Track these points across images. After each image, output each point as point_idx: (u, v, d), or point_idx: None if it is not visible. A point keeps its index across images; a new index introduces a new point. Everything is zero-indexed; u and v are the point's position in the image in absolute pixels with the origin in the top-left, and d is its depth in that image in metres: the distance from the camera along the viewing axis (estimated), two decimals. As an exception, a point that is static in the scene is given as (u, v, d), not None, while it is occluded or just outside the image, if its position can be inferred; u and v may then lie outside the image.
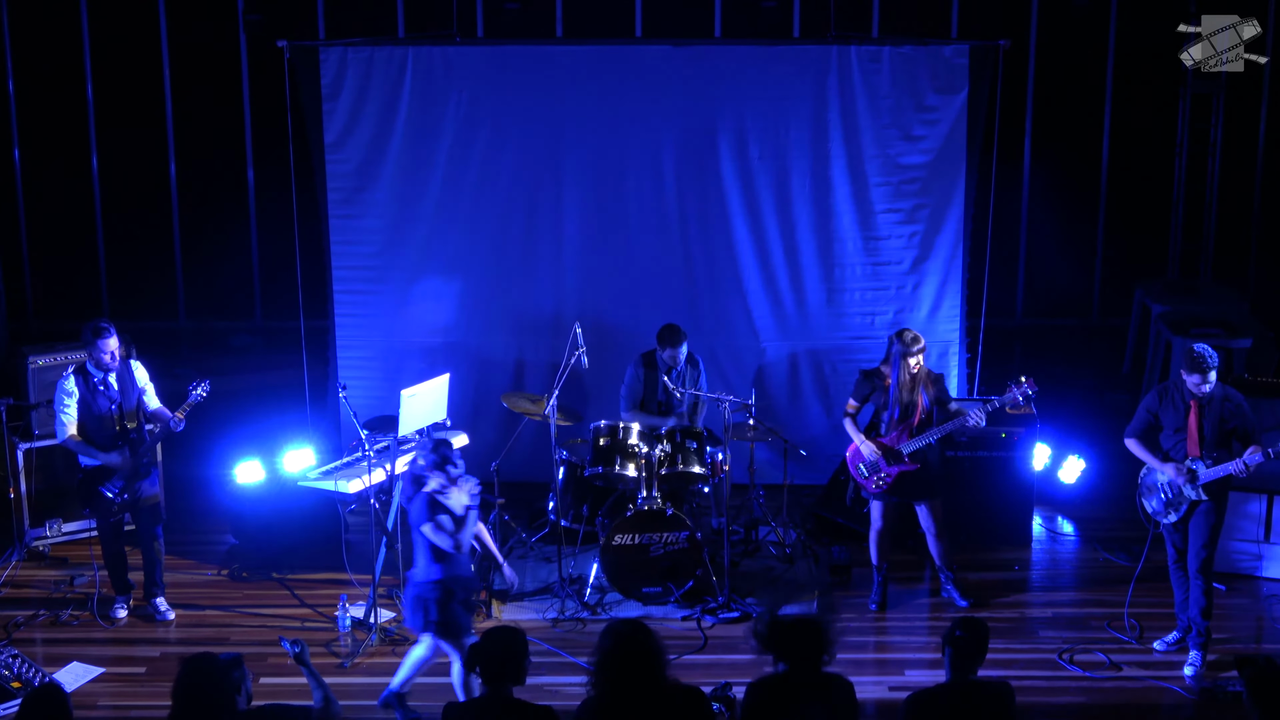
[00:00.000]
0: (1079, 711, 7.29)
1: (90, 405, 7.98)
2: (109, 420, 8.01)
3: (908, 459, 7.98)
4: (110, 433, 8.01)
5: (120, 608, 8.30)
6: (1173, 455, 7.53)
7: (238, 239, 12.41)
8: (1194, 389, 7.41)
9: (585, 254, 9.78)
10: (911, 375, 7.95)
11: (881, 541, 8.27)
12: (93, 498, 8.06)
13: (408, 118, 9.52)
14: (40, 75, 12.12)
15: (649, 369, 8.90)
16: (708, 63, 9.59)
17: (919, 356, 7.93)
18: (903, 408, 7.99)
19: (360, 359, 9.85)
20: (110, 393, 8.01)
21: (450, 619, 6.85)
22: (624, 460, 8.43)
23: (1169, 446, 7.57)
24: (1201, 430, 7.43)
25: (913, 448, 7.96)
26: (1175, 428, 7.51)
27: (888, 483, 8.06)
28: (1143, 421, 7.66)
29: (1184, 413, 7.48)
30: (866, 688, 5.67)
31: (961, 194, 9.58)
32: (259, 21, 11.66)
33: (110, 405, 8.00)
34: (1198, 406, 7.44)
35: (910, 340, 7.94)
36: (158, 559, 8.26)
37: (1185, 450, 7.47)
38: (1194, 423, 7.44)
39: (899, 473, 8.02)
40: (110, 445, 8.01)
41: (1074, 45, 12.08)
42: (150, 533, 8.25)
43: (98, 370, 7.98)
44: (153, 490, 8.24)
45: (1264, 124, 12.10)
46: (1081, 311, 12.74)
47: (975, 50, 9.43)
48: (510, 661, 5.38)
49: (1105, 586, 8.57)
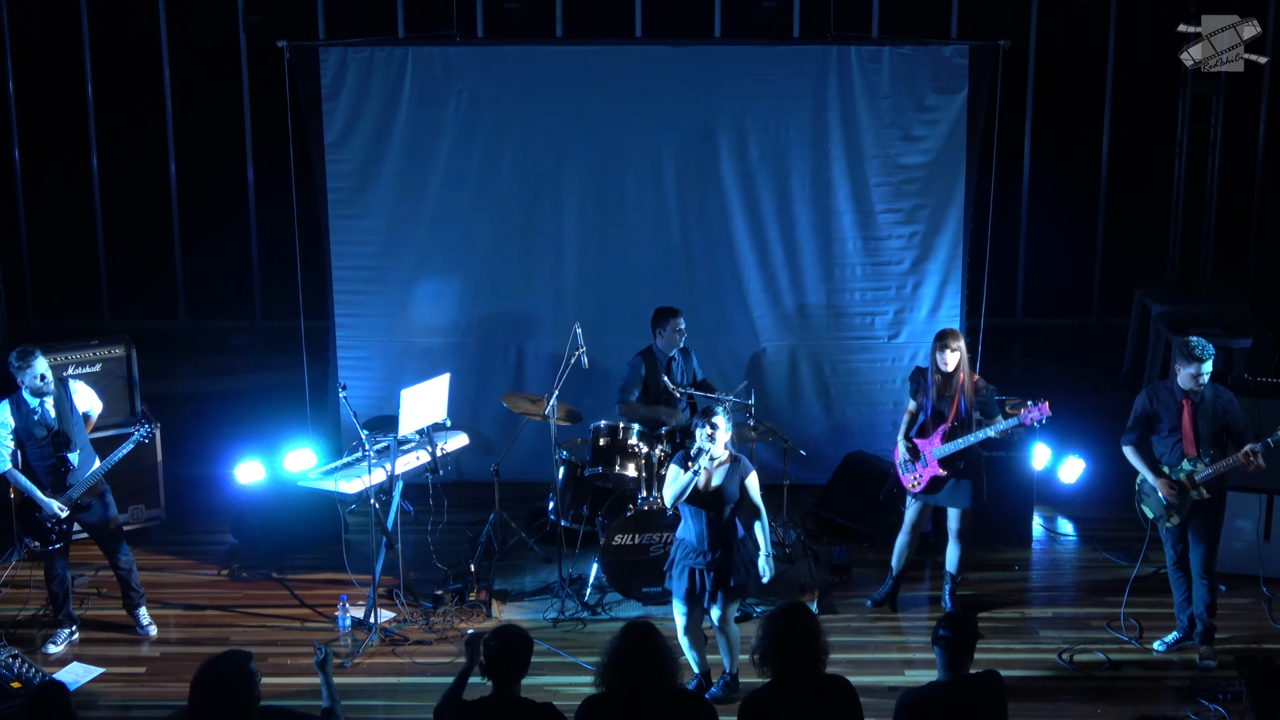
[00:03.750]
0: (1079, 711, 7.29)
1: (27, 434, 7.63)
2: (46, 448, 7.66)
3: (938, 464, 7.93)
4: (49, 461, 7.67)
5: (53, 643, 7.89)
6: (1169, 458, 7.50)
7: (238, 239, 12.42)
8: (1189, 382, 7.37)
9: (585, 254, 9.78)
10: (944, 374, 7.87)
11: (906, 542, 8.23)
12: (30, 525, 7.77)
13: (408, 118, 9.52)
14: (40, 75, 12.12)
15: (649, 364, 8.89)
16: (708, 63, 9.59)
17: (953, 355, 7.83)
18: (936, 410, 7.95)
19: (360, 359, 9.84)
20: (46, 419, 7.63)
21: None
22: (624, 460, 8.44)
23: (1165, 450, 7.52)
24: (1196, 429, 7.41)
25: (941, 454, 7.89)
26: (1170, 428, 7.48)
27: (922, 484, 8.04)
28: (1138, 425, 7.58)
29: (1177, 413, 7.45)
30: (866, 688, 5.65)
31: (961, 194, 9.58)
32: (259, 21, 11.67)
33: (45, 432, 7.64)
34: (1191, 406, 7.42)
35: (940, 338, 7.88)
36: (129, 569, 8.02)
37: (1182, 451, 7.45)
38: (1188, 422, 7.41)
39: (931, 476, 7.99)
40: (50, 475, 7.67)
41: (1074, 45, 12.09)
42: (113, 555, 7.98)
43: (33, 396, 7.61)
44: (105, 516, 7.91)
45: (1264, 124, 12.11)
46: (1081, 311, 12.75)
47: (975, 50, 9.42)
48: (520, 661, 5.39)
49: (1105, 586, 8.57)
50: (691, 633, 7.13)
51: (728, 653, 7.22)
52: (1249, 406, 7.93)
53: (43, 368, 7.57)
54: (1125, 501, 9.32)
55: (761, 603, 8.20)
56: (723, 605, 7.07)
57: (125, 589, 8.08)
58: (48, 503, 7.65)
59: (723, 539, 6.94)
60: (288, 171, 9.64)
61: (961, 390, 7.88)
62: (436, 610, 8.20)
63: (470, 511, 9.21)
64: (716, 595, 7.01)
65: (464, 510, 9.15)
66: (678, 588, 7.06)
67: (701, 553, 6.95)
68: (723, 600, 7.04)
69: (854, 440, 9.75)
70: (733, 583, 7.01)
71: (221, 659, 5.28)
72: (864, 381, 9.88)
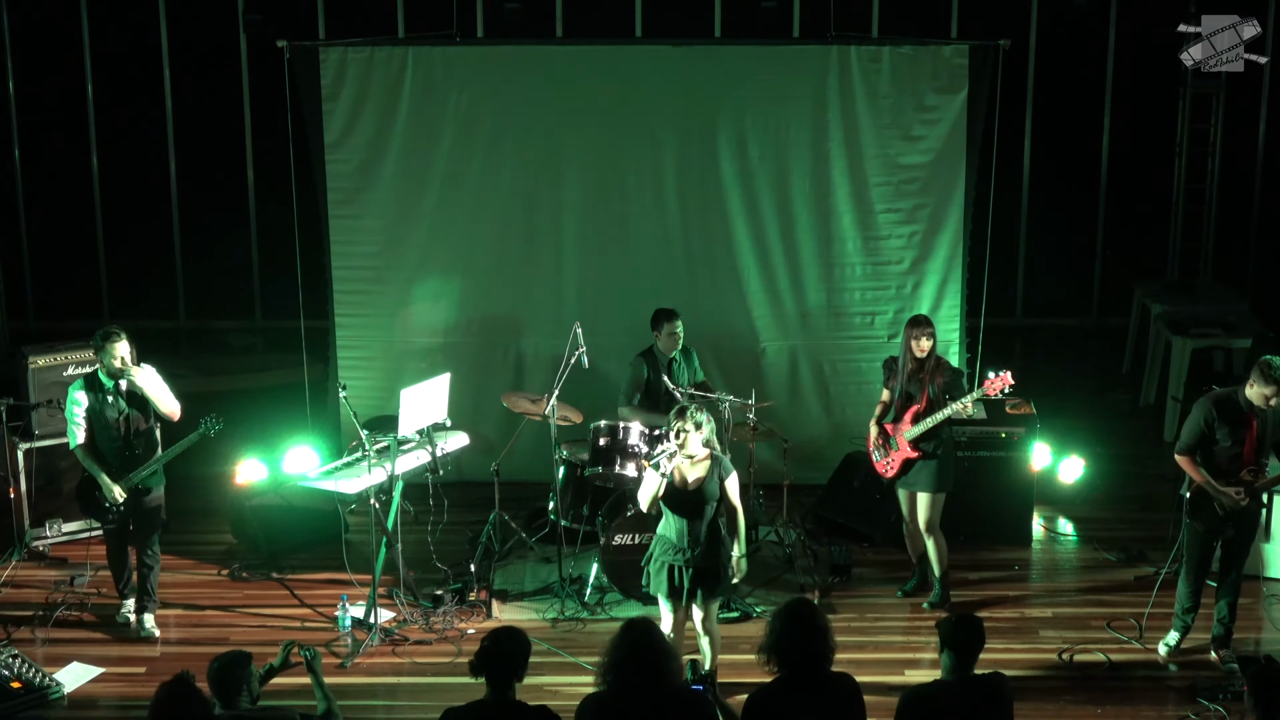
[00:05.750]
0: (1079, 711, 7.29)
1: (98, 415, 7.78)
2: (116, 431, 7.81)
3: (909, 446, 7.97)
4: (117, 445, 7.81)
5: (124, 611, 8.23)
6: (1228, 469, 7.37)
7: (238, 239, 12.43)
8: (1261, 400, 7.23)
9: (585, 254, 9.78)
10: (917, 360, 7.92)
11: (909, 532, 8.29)
12: (90, 504, 7.94)
13: (408, 118, 9.51)
14: (40, 75, 12.12)
15: (650, 364, 8.89)
16: (708, 63, 9.58)
17: (925, 341, 7.88)
18: (905, 393, 8.00)
19: (360, 359, 9.84)
20: (119, 403, 7.78)
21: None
22: (624, 460, 8.44)
23: (1224, 460, 7.38)
24: (1261, 440, 7.33)
25: (911, 435, 7.95)
26: (1235, 440, 7.34)
27: (894, 468, 8.07)
28: (1199, 436, 7.40)
29: (1243, 426, 7.32)
30: (867, 687, 5.65)
31: (961, 194, 9.57)
32: (259, 21, 11.69)
33: (118, 415, 7.80)
34: (1258, 420, 7.32)
35: (914, 324, 7.94)
36: (152, 566, 8.07)
37: (1242, 462, 7.35)
38: (1255, 435, 7.30)
39: (903, 460, 8.02)
40: (116, 458, 7.80)
41: (1074, 45, 12.09)
42: (146, 539, 8.06)
43: (109, 379, 7.78)
44: (152, 504, 8.02)
45: (1264, 124, 12.12)
46: (1081, 311, 12.76)
47: (975, 50, 9.41)
48: (520, 664, 5.40)
49: (1105, 586, 8.57)
50: (675, 632, 7.11)
51: (708, 652, 7.21)
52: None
53: (123, 350, 7.66)
54: (1126, 501, 9.36)
55: (762, 603, 8.20)
56: (704, 604, 7.07)
57: (141, 587, 8.08)
58: (109, 485, 7.76)
59: (702, 538, 6.95)
60: (288, 171, 9.64)
61: (930, 373, 7.92)
62: (436, 610, 8.19)
63: (470, 511, 9.21)
64: (696, 593, 7.00)
65: (464, 510, 9.14)
66: (656, 584, 7.06)
67: (680, 550, 6.96)
68: (703, 599, 7.05)
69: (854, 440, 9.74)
70: (715, 582, 7.01)
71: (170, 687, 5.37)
72: (864, 381, 9.86)
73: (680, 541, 6.95)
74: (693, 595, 6.99)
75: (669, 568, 6.98)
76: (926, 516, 8.09)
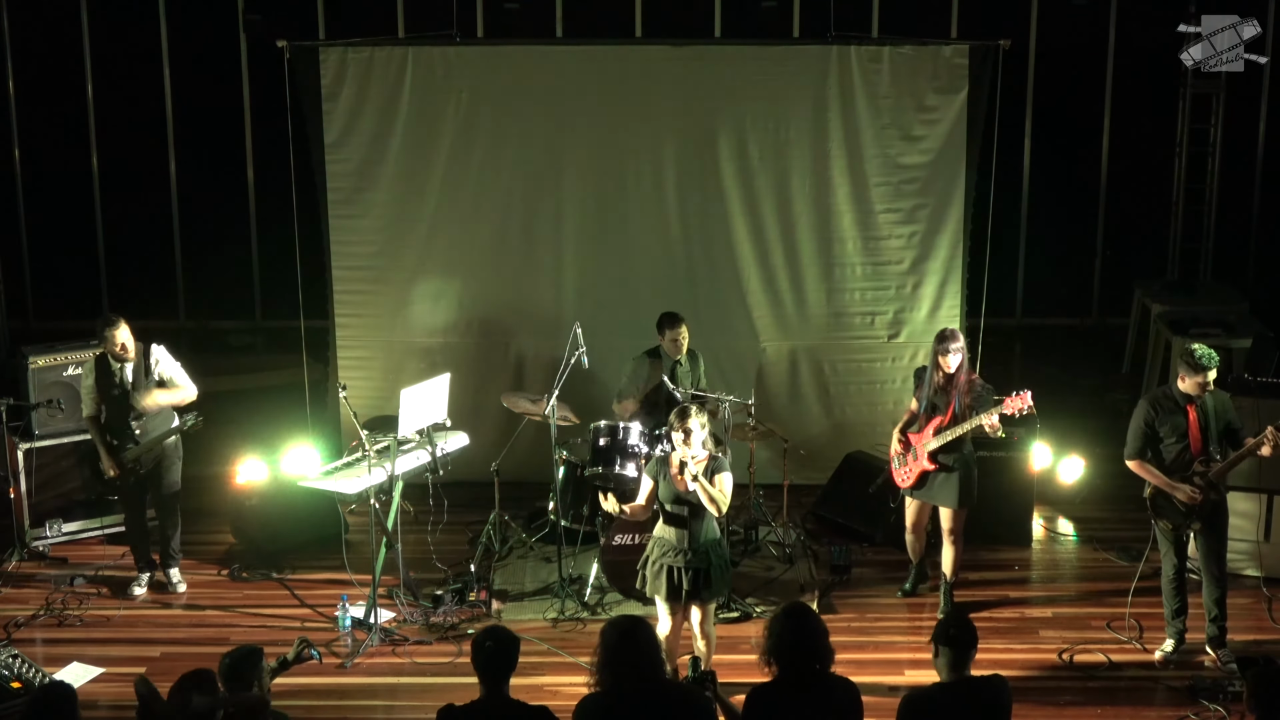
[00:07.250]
0: (1079, 712, 7.29)
1: (105, 392, 8.25)
2: (118, 409, 8.24)
3: (927, 458, 7.96)
4: (123, 421, 8.24)
5: (137, 586, 8.49)
6: (1177, 465, 7.45)
7: (238, 239, 12.42)
8: (1195, 389, 7.35)
9: (585, 253, 9.78)
10: (946, 375, 7.89)
11: (912, 540, 8.30)
12: (95, 474, 8.61)
13: (408, 118, 9.51)
14: (40, 75, 12.12)
15: (652, 364, 8.88)
16: (708, 63, 9.58)
17: (951, 357, 7.84)
18: (931, 405, 7.97)
19: (360, 359, 9.84)
20: (123, 383, 8.22)
21: None
22: (624, 460, 8.43)
23: (1172, 457, 7.46)
24: (1204, 432, 7.39)
25: (930, 446, 7.93)
26: (1179, 435, 7.43)
27: (911, 479, 8.06)
28: (1144, 438, 7.49)
29: (1182, 419, 7.43)
30: (867, 687, 5.66)
31: (961, 194, 9.57)
32: (259, 21, 11.67)
33: (119, 393, 8.22)
34: (1196, 410, 7.41)
35: (940, 339, 7.89)
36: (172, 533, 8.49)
37: (1190, 456, 7.43)
38: (1195, 426, 7.40)
39: (920, 471, 8.01)
40: (117, 435, 8.26)
41: (1074, 45, 12.08)
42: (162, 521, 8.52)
43: (115, 361, 8.21)
44: (161, 482, 8.41)
45: (1264, 124, 12.11)
46: (1081, 311, 12.75)
47: (975, 50, 9.41)
48: (511, 662, 5.40)
49: (1105, 586, 8.57)
50: (672, 634, 7.10)
51: (706, 654, 7.20)
52: (1249, 406, 7.93)
53: (123, 337, 8.16)
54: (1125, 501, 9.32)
55: (761, 603, 8.21)
56: (703, 605, 7.07)
57: (164, 550, 8.50)
58: (104, 459, 8.31)
59: (701, 539, 6.95)
60: (288, 171, 9.64)
61: (958, 388, 7.90)
62: (436, 610, 8.20)
63: (470, 511, 9.21)
64: (695, 595, 7.00)
65: (464, 510, 9.14)
66: (654, 586, 7.04)
67: (680, 551, 6.96)
68: (702, 600, 7.04)
69: (854, 440, 9.74)
70: (711, 582, 7.00)
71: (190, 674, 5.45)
72: (864, 381, 9.88)
73: (679, 543, 6.95)
74: (692, 597, 6.99)
75: (668, 569, 6.98)
76: (949, 527, 8.09)
